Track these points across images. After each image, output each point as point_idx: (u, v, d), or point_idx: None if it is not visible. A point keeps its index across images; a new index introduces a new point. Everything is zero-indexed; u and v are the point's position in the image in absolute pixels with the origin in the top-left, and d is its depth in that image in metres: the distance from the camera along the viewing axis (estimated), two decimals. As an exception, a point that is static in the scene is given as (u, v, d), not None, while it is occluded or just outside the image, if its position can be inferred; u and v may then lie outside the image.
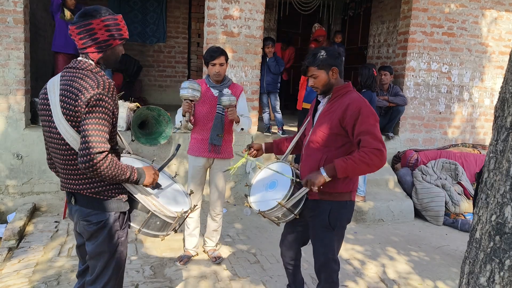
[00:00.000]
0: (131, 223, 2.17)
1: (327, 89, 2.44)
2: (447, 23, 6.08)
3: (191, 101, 3.14)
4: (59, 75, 1.99)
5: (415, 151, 5.93)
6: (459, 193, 5.29)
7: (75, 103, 1.84)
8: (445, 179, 5.45)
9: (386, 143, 6.15)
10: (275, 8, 8.48)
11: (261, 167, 2.78)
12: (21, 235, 3.96)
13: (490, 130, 6.10)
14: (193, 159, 3.51)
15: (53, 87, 1.94)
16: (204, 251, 3.76)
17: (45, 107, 1.96)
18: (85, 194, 1.98)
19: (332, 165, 2.29)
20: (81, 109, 1.83)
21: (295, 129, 6.38)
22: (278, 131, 6.05)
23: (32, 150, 4.84)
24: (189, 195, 2.46)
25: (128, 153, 2.47)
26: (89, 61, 1.94)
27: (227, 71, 5.14)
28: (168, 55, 8.37)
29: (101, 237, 2.01)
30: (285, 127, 6.32)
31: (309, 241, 2.70)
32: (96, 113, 1.82)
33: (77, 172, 1.95)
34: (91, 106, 1.81)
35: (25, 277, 3.20)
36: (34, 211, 4.56)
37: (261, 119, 6.23)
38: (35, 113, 5.01)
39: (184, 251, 3.67)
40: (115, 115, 1.95)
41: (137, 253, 3.72)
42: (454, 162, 5.61)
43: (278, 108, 6.03)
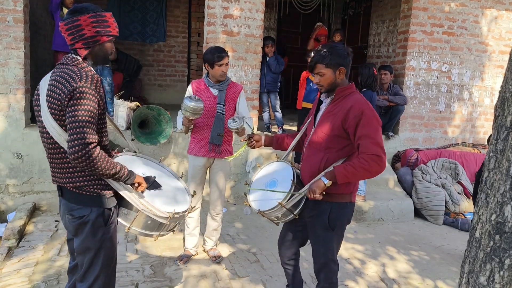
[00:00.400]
0: (120, 220, 2.16)
1: (331, 88, 2.41)
2: (447, 22, 6.08)
3: (191, 119, 3.17)
4: (51, 72, 2.02)
5: (415, 150, 5.93)
6: (459, 193, 5.29)
7: (59, 97, 1.87)
8: (445, 178, 5.45)
9: (386, 143, 6.16)
10: (275, 7, 8.47)
11: (261, 166, 2.78)
12: (21, 234, 3.97)
13: (490, 129, 6.09)
14: (193, 158, 3.50)
15: (44, 84, 1.98)
16: (204, 251, 3.76)
17: (37, 103, 2.00)
18: (69, 188, 2.00)
19: (332, 172, 2.29)
20: (64, 102, 1.85)
21: (294, 129, 6.39)
22: (278, 130, 6.05)
23: (32, 149, 4.84)
24: (192, 196, 2.43)
25: (134, 152, 2.47)
26: (77, 57, 1.97)
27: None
28: (168, 54, 8.36)
29: (85, 232, 2.02)
30: (285, 126, 6.33)
31: (308, 242, 2.70)
32: (81, 105, 1.83)
33: (61, 166, 1.98)
34: (74, 99, 1.83)
35: (25, 276, 3.20)
36: (34, 210, 4.56)
37: (261, 118, 6.24)
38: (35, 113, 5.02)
39: (184, 251, 3.68)
40: (100, 106, 1.94)
41: (137, 252, 3.73)
42: (454, 161, 5.61)
43: (278, 107, 6.06)
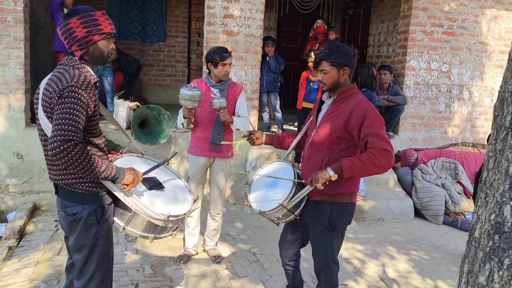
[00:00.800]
0: (116, 220, 2.16)
1: (334, 87, 2.40)
2: (447, 22, 6.08)
3: (191, 108, 3.18)
4: (51, 72, 2.05)
5: (415, 150, 5.93)
6: (459, 192, 5.29)
7: (50, 95, 1.90)
8: (445, 178, 5.45)
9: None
10: (275, 7, 8.47)
11: (261, 166, 2.77)
12: (21, 234, 3.97)
13: (490, 129, 6.09)
14: (194, 158, 3.51)
15: (42, 84, 2.01)
16: (204, 250, 3.76)
17: (36, 101, 2.04)
18: (62, 185, 2.02)
19: (339, 164, 2.26)
20: (54, 101, 1.88)
21: (294, 129, 6.39)
22: (278, 130, 6.05)
23: (32, 149, 4.84)
24: (195, 201, 2.41)
25: (141, 154, 2.47)
26: (74, 58, 2.00)
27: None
28: (168, 54, 8.36)
29: (77, 230, 2.03)
30: (285, 126, 6.33)
31: (309, 242, 2.70)
32: (67, 104, 1.86)
33: (55, 163, 2.00)
34: (63, 97, 1.86)
35: (25, 276, 3.20)
36: (34, 210, 4.56)
37: (261, 118, 6.23)
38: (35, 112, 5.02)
39: (184, 250, 3.68)
40: (90, 108, 1.95)
41: (137, 252, 3.73)
42: (454, 161, 5.61)
43: (278, 107, 6.06)
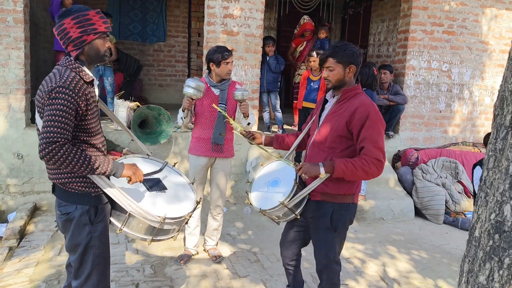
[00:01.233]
0: (113, 220, 2.16)
1: (339, 85, 2.39)
2: (447, 22, 6.07)
3: (193, 99, 3.18)
4: None
5: (416, 149, 5.93)
6: (459, 192, 5.29)
7: (42, 94, 1.93)
8: (446, 177, 5.45)
9: (386, 142, 6.17)
10: (275, 7, 8.46)
11: (263, 164, 2.77)
12: (22, 234, 3.97)
13: (490, 128, 6.09)
14: (195, 158, 3.50)
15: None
16: (204, 250, 3.76)
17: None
18: (57, 184, 2.04)
19: (331, 164, 2.27)
20: (44, 101, 1.90)
21: (294, 128, 6.38)
22: (278, 130, 6.05)
23: (32, 149, 4.84)
24: (198, 203, 2.40)
25: (146, 155, 2.47)
26: (69, 58, 2.01)
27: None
28: (168, 54, 8.37)
29: (71, 229, 2.05)
30: (285, 126, 6.33)
31: (310, 242, 2.70)
32: (55, 105, 1.87)
33: (45, 162, 2.01)
34: (51, 98, 1.87)
35: (26, 276, 3.21)
36: (34, 211, 4.56)
37: (261, 118, 6.23)
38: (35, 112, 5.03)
39: (184, 250, 3.68)
40: (81, 108, 1.94)
41: (138, 252, 3.73)
42: (454, 160, 5.61)
43: (278, 107, 6.06)
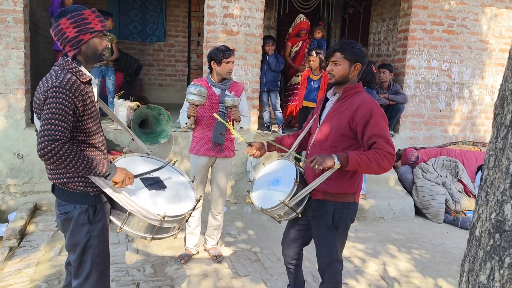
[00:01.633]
0: (113, 219, 2.17)
1: (342, 81, 2.38)
2: (447, 21, 6.07)
3: (196, 105, 3.22)
4: None
5: (416, 149, 5.93)
6: (459, 191, 5.29)
7: (39, 95, 1.94)
8: (446, 176, 5.45)
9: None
10: (274, 6, 8.46)
11: (264, 163, 2.78)
12: (22, 234, 3.97)
13: (490, 127, 6.08)
14: (196, 158, 3.51)
15: None
16: (205, 250, 3.77)
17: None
18: (57, 184, 2.05)
19: (345, 155, 2.23)
20: (41, 102, 1.91)
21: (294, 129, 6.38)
22: (278, 130, 6.05)
23: (32, 149, 4.84)
24: (198, 201, 2.41)
25: (146, 154, 2.47)
26: (66, 58, 2.01)
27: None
28: (168, 54, 8.37)
29: (70, 229, 2.06)
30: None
31: (311, 241, 2.70)
32: (52, 104, 1.88)
33: (44, 162, 2.01)
34: (48, 98, 1.88)
35: (26, 276, 3.21)
36: (35, 210, 4.56)
37: (261, 117, 6.23)
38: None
39: (185, 250, 3.68)
40: (78, 108, 1.94)
41: (138, 251, 3.73)
42: (454, 159, 5.61)
43: (278, 106, 6.05)
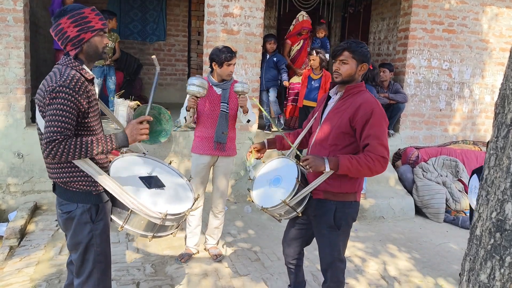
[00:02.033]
0: (114, 218, 2.17)
1: (348, 80, 2.38)
2: (448, 20, 6.07)
3: (197, 97, 3.21)
4: None
5: (416, 148, 5.93)
6: (459, 190, 5.29)
7: (43, 94, 1.93)
8: (446, 176, 5.45)
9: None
10: (275, 5, 8.45)
11: (265, 162, 2.77)
12: (22, 233, 3.97)
13: (491, 127, 6.08)
14: (198, 157, 3.51)
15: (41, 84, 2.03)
16: (205, 249, 3.77)
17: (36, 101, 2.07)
18: (58, 183, 2.04)
19: (336, 160, 2.26)
20: (45, 101, 1.91)
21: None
22: (279, 117, 5.95)
23: (33, 149, 4.84)
24: (196, 199, 2.41)
25: (143, 154, 2.47)
26: (69, 57, 2.01)
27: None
28: (168, 53, 8.36)
29: (72, 228, 2.05)
30: (285, 126, 6.30)
31: (312, 241, 2.70)
32: (55, 105, 1.88)
33: (49, 161, 2.02)
34: (52, 98, 1.88)
35: (27, 276, 3.21)
36: (35, 210, 4.56)
37: (261, 117, 6.22)
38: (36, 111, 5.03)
39: (185, 249, 3.68)
40: (83, 106, 1.95)
41: (138, 251, 3.73)
42: (454, 159, 5.61)
43: (274, 98, 5.92)
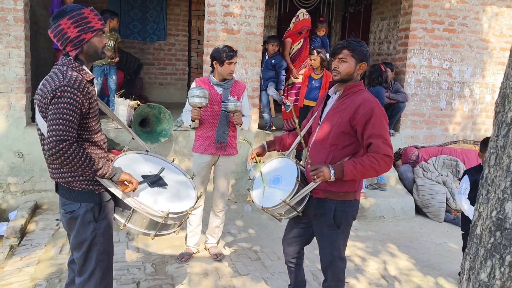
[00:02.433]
0: (117, 217, 2.18)
1: (346, 79, 2.38)
2: (448, 19, 6.06)
3: (199, 107, 3.25)
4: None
5: (416, 147, 5.93)
6: (460, 190, 5.29)
7: (44, 94, 1.92)
8: (446, 175, 5.45)
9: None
10: (275, 5, 8.46)
11: (265, 162, 2.77)
12: (23, 233, 3.98)
13: (491, 126, 6.07)
14: (199, 156, 3.51)
15: (40, 84, 2.03)
16: (205, 248, 3.77)
17: (35, 101, 2.05)
18: (61, 183, 2.04)
19: (340, 167, 2.24)
20: (47, 101, 1.90)
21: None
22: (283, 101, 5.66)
23: (33, 148, 4.85)
24: (198, 198, 2.41)
25: (146, 151, 2.48)
26: (69, 58, 2.00)
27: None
28: (168, 53, 8.36)
29: (75, 227, 2.06)
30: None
31: (312, 240, 2.70)
32: (60, 104, 1.87)
33: (51, 161, 2.01)
34: (56, 97, 1.88)
35: (27, 275, 3.21)
36: (35, 209, 4.57)
37: (261, 116, 6.21)
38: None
39: (185, 248, 3.68)
40: (84, 106, 1.95)
41: (138, 250, 3.73)
42: (455, 158, 5.60)
43: (273, 88, 5.76)
